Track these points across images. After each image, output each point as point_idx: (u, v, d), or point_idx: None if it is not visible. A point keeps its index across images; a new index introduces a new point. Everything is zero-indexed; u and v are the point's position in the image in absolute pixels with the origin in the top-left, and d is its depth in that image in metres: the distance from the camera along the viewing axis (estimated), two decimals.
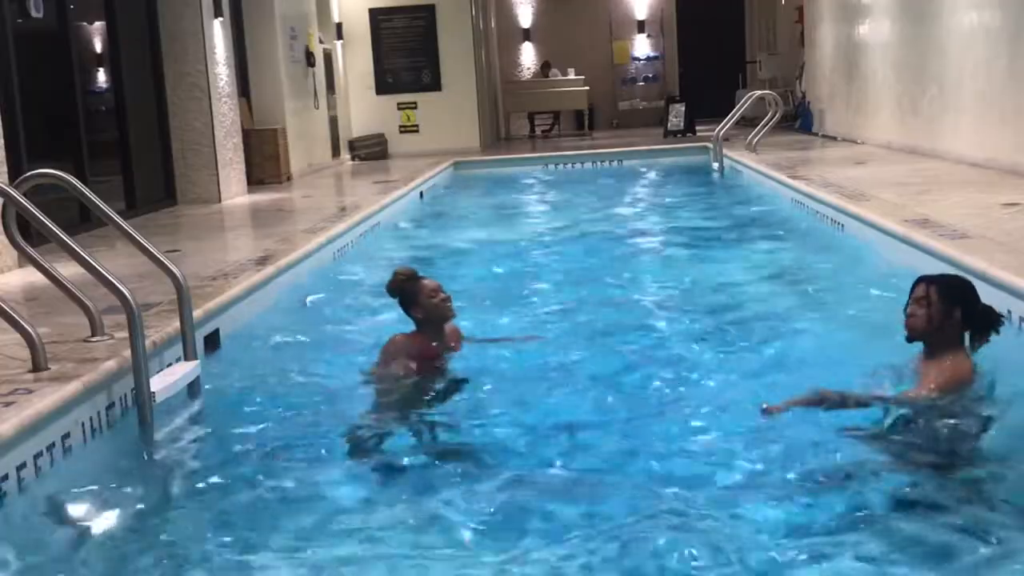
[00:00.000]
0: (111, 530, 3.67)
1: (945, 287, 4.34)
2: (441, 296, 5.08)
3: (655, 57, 25.74)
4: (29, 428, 3.90)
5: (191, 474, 4.19)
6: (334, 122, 18.00)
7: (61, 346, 4.91)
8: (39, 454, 3.94)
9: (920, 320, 4.28)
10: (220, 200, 12.11)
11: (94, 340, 5.01)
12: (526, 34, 25.55)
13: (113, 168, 11.13)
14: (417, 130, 19.57)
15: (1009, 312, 5.16)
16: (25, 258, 5.45)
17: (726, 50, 24.89)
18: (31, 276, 6.63)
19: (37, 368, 4.50)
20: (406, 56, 19.47)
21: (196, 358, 5.05)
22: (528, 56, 25.51)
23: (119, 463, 4.25)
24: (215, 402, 4.97)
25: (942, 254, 6.24)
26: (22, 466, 3.82)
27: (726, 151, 14.35)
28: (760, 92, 16.15)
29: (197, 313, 5.33)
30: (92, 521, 3.72)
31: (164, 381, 4.69)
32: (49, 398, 4.12)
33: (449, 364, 5.13)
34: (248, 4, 14.86)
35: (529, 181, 15.65)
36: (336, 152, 18.01)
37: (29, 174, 5.18)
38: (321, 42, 17.39)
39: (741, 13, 25.65)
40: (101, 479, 4.05)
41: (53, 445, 4.04)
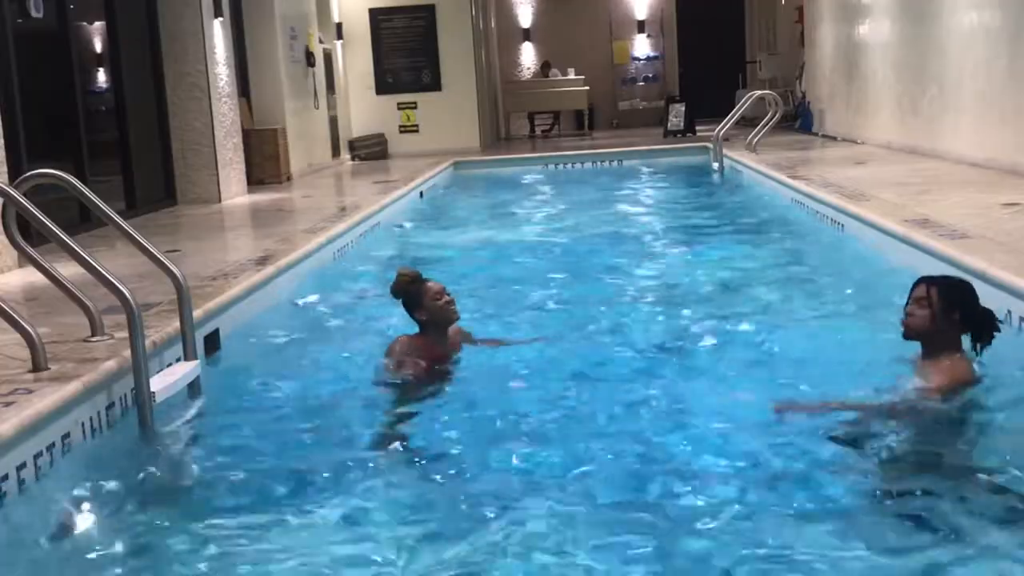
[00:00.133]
0: (111, 530, 3.66)
1: (946, 288, 4.36)
2: (446, 299, 5.08)
3: (655, 57, 25.75)
4: (29, 428, 3.90)
5: (191, 474, 4.20)
6: (334, 122, 18.01)
7: (61, 346, 4.91)
8: (39, 454, 3.94)
9: (920, 320, 4.31)
10: (220, 200, 12.12)
11: (94, 340, 5.01)
12: (526, 34, 25.55)
13: (113, 168, 11.13)
14: (417, 130, 19.58)
15: (1009, 312, 5.17)
16: (25, 258, 5.45)
17: (726, 50, 24.89)
18: (31, 276, 6.63)
19: (37, 368, 4.51)
20: (406, 56, 19.48)
21: (196, 358, 5.05)
22: (528, 56, 25.52)
23: (119, 463, 4.25)
24: (215, 402, 4.97)
25: (942, 254, 6.24)
26: (22, 466, 3.82)
27: (726, 151, 14.35)
28: (760, 92, 16.14)
29: (197, 313, 5.33)
30: (92, 521, 3.72)
31: (164, 381, 4.69)
32: (49, 398, 4.12)
33: (452, 366, 5.13)
34: (248, 4, 14.87)
35: (529, 181, 15.65)
36: (336, 152, 18.01)
37: (29, 174, 5.18)
38: (321, 42, 17.39)
39: (741, 13, 25.66)
40: (101, 479, 4.05)
41: (53, 445, 4.04)
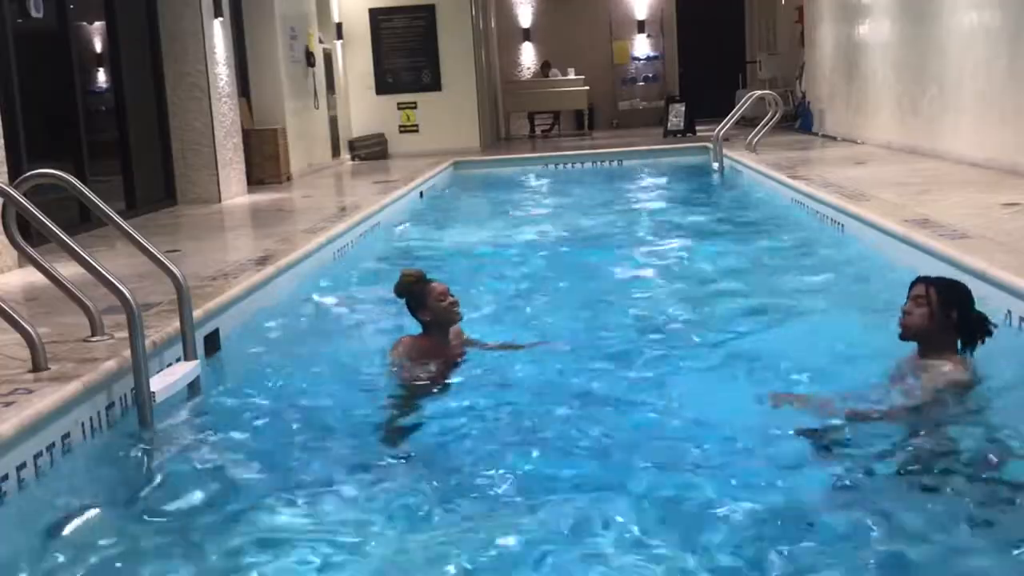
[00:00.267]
0: (111, 530, 3.66)
1: (944, 288, 4.42)
2: (450, 300, 5.07)
3: (655, 57, 25.75)
4: (29, 428, 3.90)
5: (191, 474, 4.19)
6: (334, 122, 18.01)
7: (61, 346, 4.91)
8: (39, 454, 3.95)
9: (918, 319, 4.34)
10: (220, 200, 12.12)
11: (94, 340, 5.01)
12: (526, 34, 25.55)
13: (113, 168, 11.13)
14: (417, 130, 19.58)
15: (1009, 312, 5.17)
16: (25, 258, 5.45)
17: (726, 50, 24.89)
18: (31, 276, 6.63)
19: (37, 368, 4.51)
20: (406, 56, 19.48)
21: (196, 358, 5.05)
22: (528, 56, 25.52)
23: (119, 463, 4.25)
24: (215, 402, 4.97)
25: (942, 254, 6.24)
26: (22, 466, 3.82)
27: (726, 151, 14.35)
28: (760, 92, 16.14)
29: (197, 313, 5.33)
30: (91, 521, 3.72)
31: (164, 381, 4.69)
32: (49, 398, 4.12)
33: (455, 366, 5.13)
34: (248, 4, 14.87)
35: (529, 181, 15.66)
36: (336, 152, 18.01)
37: (29, 174, 5.17)
38: (321, 42, 17.39)
39: (741, 13, 25.66)
40: (101, 479, 4.06)
41: (53, 445, 4.05)
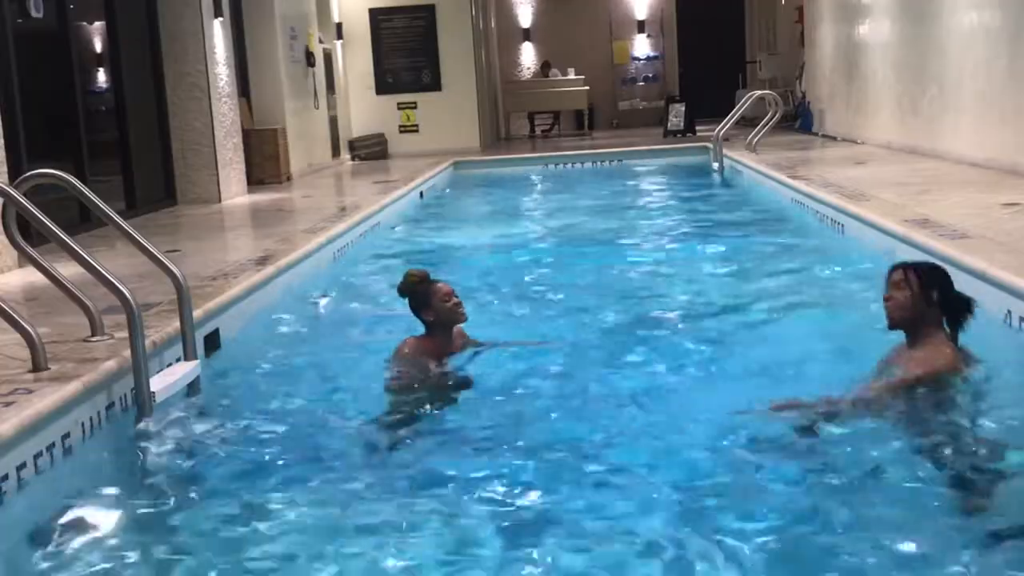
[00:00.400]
0: (111, 530, 3.66)
1: (923, 271, 4.43)
2: (454, 300, 5.07)
3: (655, 57, 25.75)
4: (29, 428, 3.90)
5: (191, 474, 4.19)
6: (334, 122, 18.01)
7: (61, 346, 4.91)
8: (39, 454, 3.94)
9: (901, 302, 4.32)
10: (220, 200, 12.12)
11: (94, 340, 5.01)
12: (526, 34, 25.55)
13: (113, 168, 11.13)
14: (417, 130, 19.58)
15: (1009, 312, 5.17)
16: (25, 258, 5.45)
17: (726, 50, 24.89)
18: (31, 276, 6.63)
19: (37, 368, 4.51)
20: (406, 56, 19.48)
21: (196, 358, 5.06)
22: (528, 56, 25.52)
23: (119, 463, 4.25)
24: (215, 402, 4.97)
25: (942, 254, 6.23)
26: (22, 466, 3.82)
27: (726, 151, 14.34)
28: (760, 92, 16.14)
29: (197, 313, 5.33)
30: (91, 521, 3.71)
31: (164, 381, 4.69)
32: (49, 398, 4.12)
33: (459, 366, 5.13)
34: (248, 4, 14.87)
35: (529, 181, 15.66)
36: (336, 152, 18.01)
37: (29, 174, 5.18)
38: (321, 42, 17.39)
39: (741, 13, 25.66)
40: (101, 479, 4.05)
41: (53, 445, 4.04)
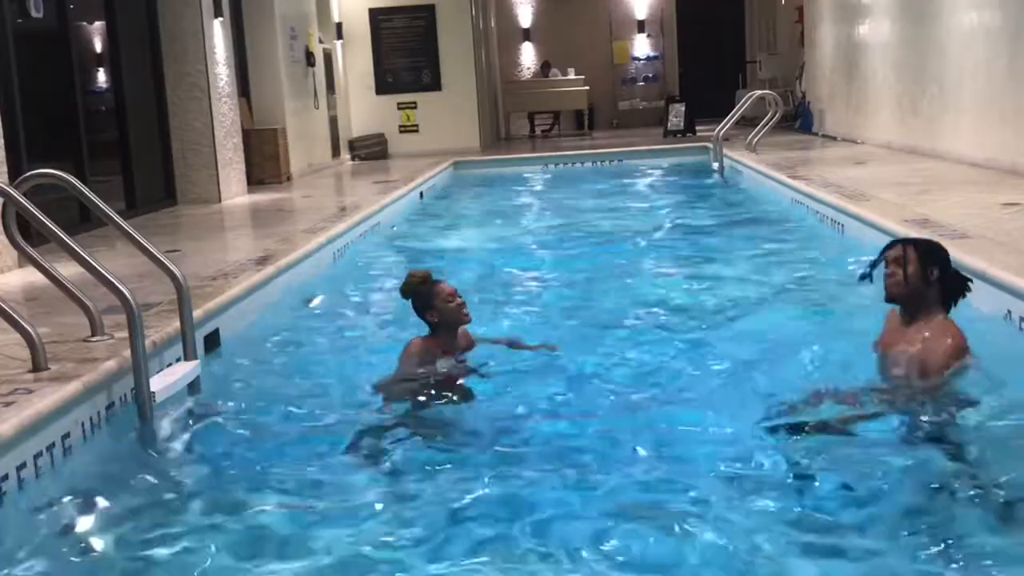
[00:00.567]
0: (111, 530, 3.66)
1: (922, 247, 4.41)
2: (458, 301, 5.06)
3: (655, 57, 25.75)
4: (29, 428, 3.90)
5: (191, 474, 4.19)
6: (334, 122, 18.01)
7: (61, 346, 4.91)
8: (39, 454, 3.95)
9: (897, 280, 4.30)
10: (220, 200, 12.12)
11: (94, 340, 5.01)
12: (526, 34, 25.55)
13: (113, 168, 11.13)
14: (417, 130, 19.58)
15: (1009, 312, 5.17)
16: (25, 258, 5.45)
17: (726, 50, 24.89)
18: (31, 276, 6.63)
19: (37, 368, 4.51)
20: (406, 56, 19.48)
21: (196, 358, 5.05)
22: (528, 56, 25.52)
23: (119, 463, 4.25)
24: (215, 402, 4.97)
25: None
26: (22, 466, 3.82)
27: (726, 151, 14.34)
28: (760, 92, 16.14)
29: (197, 313, 5.33)
30: (92, 521, 3.72)
31: (164, 381, 4.69)
32: (49, 398, 4.12)
33: (464, 367, 5.12)
34: (248, 4, 14.87)
35: (529, 181, 15.66)
36: (336, 152, 18.01)
37: (29, 174, 5.18)
38: (321, 42, 17.39)
39: (741, 13, 25.66)
40: (101, 479, 4.05)
41: (53, 445, 4.04)
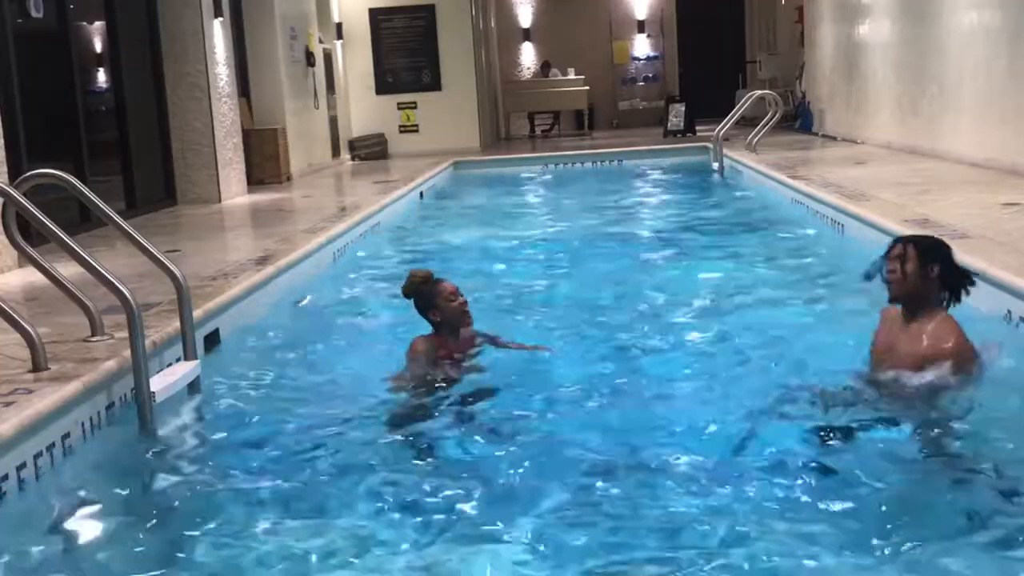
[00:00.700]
0: (111, 530, 3.66)
1: (923, 245, 4.41)
2: (460, 299, 5.06)
3: (655, 57, 25.75)
4: (29, 428, 3.90)
5: (191, 474, 4.19)
6: (334, 122, 18.01)
7: (61, 346, 4.91)
8: (39, 454, 3.95)
9: (897, 276, 4.30)
10: (220, 200, 12.12)
11: (94, 340, 5.01)
12: (526, 34, 25.55)
13: (113, 168, 11.13)
14: (417, 130, 19.58)
15: (1009, 312, 5.17)
16: (25, 258, 5.45)
17: (726, 50, 24.89)
18: (31, 276, 6.63)
19: (37, 368, 4.51)
20: (406, 56, 19.48)
21: (196, 358, 5.05)
22: (528, 56, 25.52)
23: (119, 463, 4.25)
24: (215, 402, 4.97)
25: None
26: (22, 466, 3.82)
27: (726, 151, 14.34)
28: (760, 92, 16.14)
29: (197, 313, 5.33)
30: (92, 521, 3.72)
31: (164, 381, 4.69)
32: (49, 398, 4.12)
33: (468, 365, 5.12)
34: (248, 4, 14.87)
35: (529, 181, 15.66)
36: (336, 152, 18.01)
37: (29, 174, 5.18)
38: (321, 42, 17.39)
39: (741, 13, 25.66)
40: (101, 479, 4.06)
41: (53, 445, 4.05)
